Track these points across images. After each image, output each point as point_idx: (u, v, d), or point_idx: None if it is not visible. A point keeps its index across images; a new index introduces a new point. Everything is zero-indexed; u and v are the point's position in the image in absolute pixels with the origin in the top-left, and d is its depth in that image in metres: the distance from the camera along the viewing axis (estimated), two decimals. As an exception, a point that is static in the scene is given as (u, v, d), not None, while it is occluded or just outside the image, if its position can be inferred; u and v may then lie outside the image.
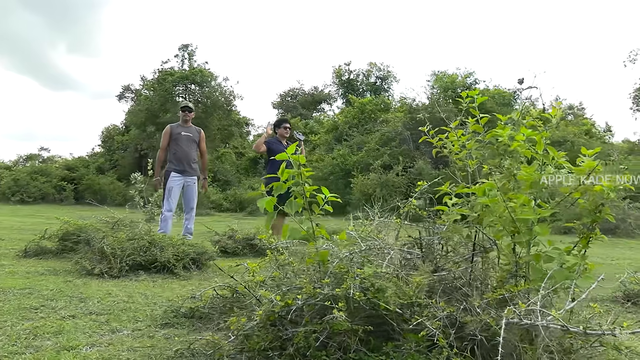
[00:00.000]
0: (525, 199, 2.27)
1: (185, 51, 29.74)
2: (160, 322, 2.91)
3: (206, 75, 28.97)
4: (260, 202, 2.37)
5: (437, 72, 24.00)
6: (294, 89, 37.47)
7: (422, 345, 2.00)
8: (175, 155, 7.54)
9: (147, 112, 28.33)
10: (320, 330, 2.02)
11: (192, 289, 4.30)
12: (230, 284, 2.95)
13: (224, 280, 4.92)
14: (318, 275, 2.26)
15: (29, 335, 2.59)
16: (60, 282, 4.40)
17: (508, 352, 2.04)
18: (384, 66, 35.91)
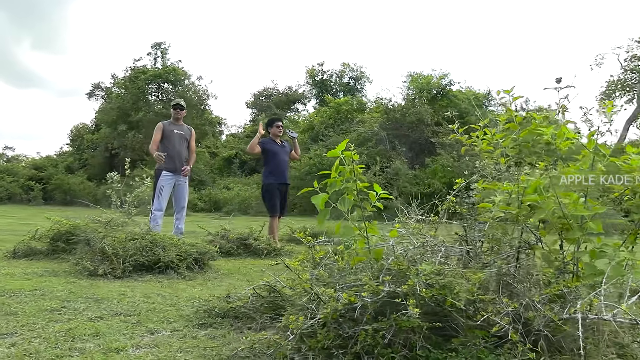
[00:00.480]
0: (576, 196, 2.30)
1: (158, 49, 29.32)
2: (195, 322, 2.84)
3: (180, 73, 28.62)
4: (314, 199, 2.33)
5: (413, 73, 24.24)
6: (268, 88, 37.38)
7: (490, 342, 2.00)
8: (168, 153, 7.41)
9: (118, 110, 27.81)
10: (386, 327, 2.00)
11: (202, 289, 4.23)
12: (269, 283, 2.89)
13: (244, 279, 4.88)
14: (372, 273, 2.23)
15: (66, 338, 2.49)
16: (64, 283, 4.27)
17: (573, 347, 2.06)
18: (357, 67, 36.13)
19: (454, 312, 2.03)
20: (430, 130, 21.39)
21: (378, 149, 21.20)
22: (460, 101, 22.87)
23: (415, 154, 21.74)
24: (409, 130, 21.83)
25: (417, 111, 21.51)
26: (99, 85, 31.92)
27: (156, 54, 29.33)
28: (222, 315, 2.87)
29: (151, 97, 29.07)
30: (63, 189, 27.44)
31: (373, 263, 2.35)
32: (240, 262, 6.34)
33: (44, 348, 2.31)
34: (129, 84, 28.04)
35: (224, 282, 4.72)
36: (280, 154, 7.85)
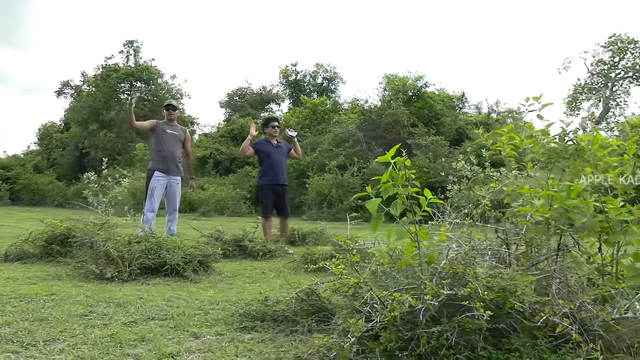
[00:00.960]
0: (616, 201, 2.39)
1: (130, 47, 28.83)
2: (235, 325, 2.83)
3: (153, 72, 28.21)
4: (369, 204, 2.37)
5: (389, 74, 24.45)
6: (242, 88, 37.14)
7: (549, 342, 2.07)
8: (160, 153, 7.34)
9: (89, 109, 27.24)
10: (450, 329, 2.06)
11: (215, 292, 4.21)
12: (310, 286, 2.89)
13: (250, 281, 4.85)
14: (426, 276, 2.28)
15: (113, 343, 2.47)
16: (73, 287, 4.21)
17: (623, 346, 2.14)
18: (331, 67, 36.23)
19: (513, 313, 2.10)
20: (407, 131, 21.59)
21: (355, 149, 21.29)
22: (435, 103, 23.17)
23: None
24: (385, 131, 21.98)
25: (393, 112, 21.68)
26: (67, 83, 31.21)
27: (128, 52, 28.87)
28: (260, 318, 2.88)
29: (123, 95, 28.55)
30: (31, 188, 26.74)
31: (420, 266, 2.40)
32: (238, 264, 6.30)
33: (97, 354, 2.28)
34: (100, 83, 27.49)
35: (233, 284, 4.70)
36: (275, 154, 7.84)
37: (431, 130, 22.08)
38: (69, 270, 5.12)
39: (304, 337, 2.56)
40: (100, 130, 27.26)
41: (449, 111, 24.32)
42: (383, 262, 2.57)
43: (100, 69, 28.35)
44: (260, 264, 6.38)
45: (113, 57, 28.77)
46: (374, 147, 21.70)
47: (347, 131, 21.92)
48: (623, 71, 32.81)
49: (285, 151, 7.93)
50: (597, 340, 2.09)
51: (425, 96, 23.07)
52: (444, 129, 22.77)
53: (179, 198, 7.61)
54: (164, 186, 7.31)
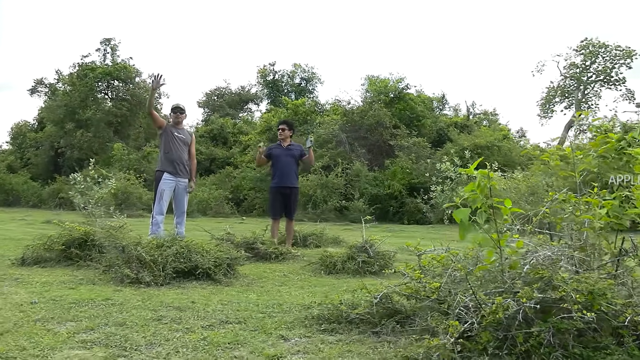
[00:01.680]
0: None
1: (107, 45, 28.41)
2: (315, 328, 2.96)
3: (131, 71, 27.87)
4: (456, 213, 2.54)
5: (371, 76, 24.72)
6: (220, 88, 36.98)
7: (634, 341, 2.27)
8: (168, 156, 7.33)
9: (65, 108, 26.76)
10: (546, 329, 2.24)
11: (258, 296, 4.31)
12: (386, 292, 3.03)
13: (280, 283, 4.94)
14: (510, 280, 2.47)
15: (213, 346, 2.57)
16: (114, 291, 4.28)
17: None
18: (309, 67, 36.36)
19: (600, 314, 2.29)
20: (389, 132, 21.89)
21: (338, 150, 21.49)
22: (416, 104, 23.53)
23: (374, 155, 22.17)
24: (367, 132, 22.24)
25: (375, 114, 21.95)
26: (41, 81, 30.61)
27: (105, 50, 28.44)
28: (335, 321, 3.01)
29: (100, 94, 28.16)
30: (5, 189, 26.14)
31: (501, 272, 2.58)
32: (255, 266, 6.34)
33: (208, 357, 2.39)
34: (76, 81, 27.03)
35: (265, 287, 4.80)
36: (283, 156, 7.93)
37: (413, 131, 22.41)
38: (97, 274, 5.15)
39: (391, 337, 2.71)
40: (77, 129, 26.82)
41: (430, 113, 24.71)
42: (460, 268, 2.73)
43: (76, 67, 27.86)
44: (276, 266, 6.46)
45: (90, 55, 28.36)
46: (356, 148, 21.93)
47: (331, 132, 22.09)
48: (594, 74, 33.88)
49: (296, 154, 7.98)
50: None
51: (406, 98, 23.40)
52: (425, 131, 23.14)
53: (187, 201, 7.63)
54: (173, 189, 7.32)
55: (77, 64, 27.99)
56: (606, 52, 33.05)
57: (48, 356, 2.41)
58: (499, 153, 19.78)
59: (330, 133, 22.05)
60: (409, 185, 19.32)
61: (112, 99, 28.27)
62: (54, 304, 3.66)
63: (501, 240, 2.58)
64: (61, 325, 3.01)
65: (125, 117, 27.48)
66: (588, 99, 34.22)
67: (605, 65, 33.28)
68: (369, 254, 6.08)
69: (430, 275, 2.94)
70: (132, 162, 25.39)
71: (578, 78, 33.81)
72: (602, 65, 33.34)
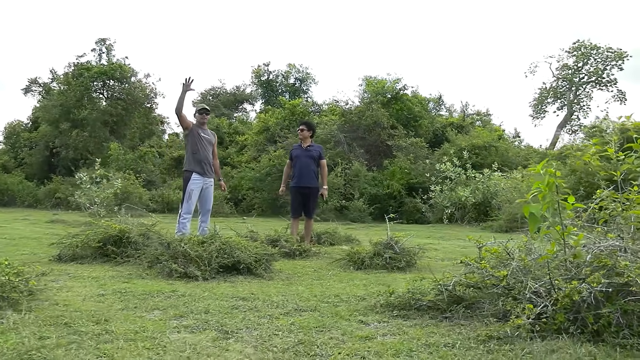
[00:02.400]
0: None
1: (102, 45, 28.44)
2: (388, 314, 3.24)
3: (126, 71, 27.93)
4: (528, 208, 2.82)
5: (368, 77, 25.06)
6: (215, 87, 37.16)
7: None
8: (196, 156, 7.53)
9: (61, 108, 26.77)
10: (614, 311, 2.54)
11: (305, 288, 4.55)
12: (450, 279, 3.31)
13: (316, 277, 5.19)
14: (575, 269, 2.77)
15: (306, 330, 2.84)
16: (167, 284, 4.51)
17: None
18: (303, 68, 36.67)
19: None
20: (387, 133, 22.23)
21: (337, 150, 21.77)
22: (413, 105, 23.90)
23: (372, 156, 22.52)
24: (365, 132, 22.57)
25: (373, 114, 22.27)
26: (35, 81, 30.57)
27: (101, 50, 28.47)
28: (404, 308, 3.29)
29: (95, 94, 28.19)
30: (0, 189, 26.10)
31: (564, 261, 2.87)
32: (283, 263, 6.51)
33: (308, 338, 2.65)
34: (72, 81, 27.05)
35: (306, 281, 5.05)
36: (302, 157, 8.14)
37: (410, 132, 22.79)
38: (141, 269, 5.35)
39: (463, 322, 3.00)
40: (72, 129, 26.84)
41: (426, 113, 25.10)
42: (524, 258, 3.02)
43: (72, 67, 27.87)
44: (303, 262, 6.70)
45: (85, 55, 28.37)
46: (355, 149, 22.24)
47: (329, 133, 22.35)
48: (586, 76, 34.58)
49: (315, 155, 8.19)
50: None
51: (403, 98, 23.76)
52: (422, 131, 23.53)
53: (212, 199, 7.84)
54: (200, 188, 7.53)
55: (72, 63, 28.03)
56: (598, 53, 33.75)
57: (162, 339, 2.66)
58: (497, 153, 20.18)
59: (328, 133, 22.31)
60: (407, 185, 19.64)
61: (107, 99, 28.30)
62: (123, 295, 3.89)
63: (565, 232, 2.87)
64: (150, 313, 3.26)
65: (121, 116, 27.54)
66: (580, 100, 34.93)
67: (597, 66, 33.99)
68: (395, 250, 6.35)
69: (490, 266, 3.22)
70: (129, 162, 25.47)
71: (570, 79, 34.48)
72: (594, 67, 34.05)
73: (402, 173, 20.25)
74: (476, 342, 2.60)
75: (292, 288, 4.48)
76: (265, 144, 24.93)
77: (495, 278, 3.04)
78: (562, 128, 33.79)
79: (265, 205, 21.37)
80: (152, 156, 27.34)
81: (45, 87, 30.29)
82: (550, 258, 2.93)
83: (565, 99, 34.97)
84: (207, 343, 2.59)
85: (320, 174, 8.21)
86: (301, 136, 8.38)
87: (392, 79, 24.10)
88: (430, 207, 18.10)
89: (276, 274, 5.46)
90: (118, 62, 28.34)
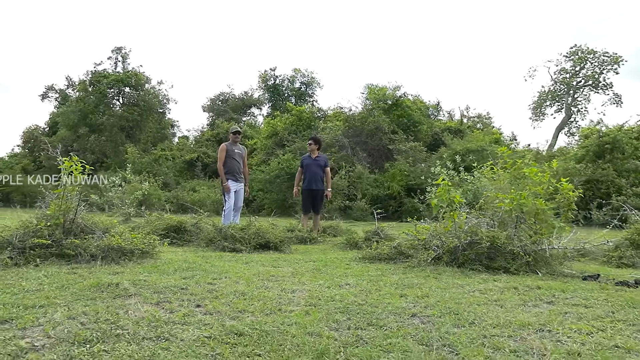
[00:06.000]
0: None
1: (118, 54, 31.39)
2: (362, 262, 6.03)
3: (140, 78, 30.84)
4: (433, 202, 5.59)
5: (370, 84, 27.85)
6: (224, 93, 40.04)
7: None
8: (230, 167, 10.31)
9: (79, 113, 29.70)
10: (472, 253, 5.30)
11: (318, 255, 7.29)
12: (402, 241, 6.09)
13: (323, 253, 7.90)
14: (457, 233, 5.53)
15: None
16: (224, 254, 7.23)
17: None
18: (308, 72, 39.51)
19: (497, 247, 5.35)
20: (387, 137, 24.94)
21: (341, 154, 24.50)
22: (413, 111, 26.64)
23: (374, 159, 25.22)
24: (367, 137, 25.30)
25: (375, 120, 25.01)
26: (52, 87, 33.54)
27: (117, 58, 31.42)
28: (371, 258, 6.07)
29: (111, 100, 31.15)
30: (22, 191, 28.92)
31: (453, 230, 5.66)
32: (296, 247, 9.16)
33: (324, 268, 5.43)
34: (89, 88, 30.01)
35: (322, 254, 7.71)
36: (311, 166, 10.86)
37: (410, 136, 25.47)
38: (199, 248, 8.06)
39: (400, 263, 5.77)
40: (90, 134, 29.76)
41: (425, 119, 27.84)
42: (435, 229, 5.81)
43: (89, 74, 30.82)
44: (312, 246, 9.34)
45: (102, 63, 31.33)
46: (358, 152, 24.99)
47: (334, 137, 25.10)
48: (583, 80, 37.24)
49: (321, 164, 10.89)
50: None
51: (403, 105, 26.49)
52: (421, 136, 26.23)
53: (242, 199, 10.62)
54: (235, 189, 10.31)
55: (90, 71, 31.00)
56: (594, 58, 36.38)
57: (244, 271, 5.43)
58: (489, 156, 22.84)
59: (333, 138, 25.07)
60: (406, 186, 22.25)
61: (122, 105, 31.25)
62: (201, 257, 6.62)
63: (454, 214, 5.62)
64: (227, 262, 6.02)
65: (137, 121, 30.45)
66: (577, 103, 37.60)
67: (593, 70, 36.64)
68: (380, 236, 9.10)
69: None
70: (145, 165, 28.27)
71: (568, 83, 37.14)
72: (591, 71, 36.71)
73: (402, 175, 22.91)
74: (404, 269, 5.36)
75: (307, 256, 7.22)
76: (274, 147, 27.72)
77: (419, 241, 5.79)
78: (561, 130, 36.48)
79: (275, 205, 24.02)
80: (166, 159, 30.18)
81: (62, 93, 33.26)
82: (448, 229, 5.64)
83: (563, 102, 37.64)
84: (268, 268, 5.36)
85: (325, 179, 10.93)
86: (310, 149, 11.11)
87: (392, 87, 26.89)
88: (427, 206, 20.72)
89: (295, 251, 8.19)
90: (133, 70, 31.28)
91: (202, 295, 3.90)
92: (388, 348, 2.74)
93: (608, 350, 2.69)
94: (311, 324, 3.11)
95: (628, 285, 4.67)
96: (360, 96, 31.30)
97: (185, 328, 2.93)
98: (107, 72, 30.64)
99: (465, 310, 3.51)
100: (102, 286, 4.04)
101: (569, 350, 2.70)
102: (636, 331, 3.06)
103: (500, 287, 4.40)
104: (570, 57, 37.18)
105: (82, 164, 6.39)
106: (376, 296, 4.04)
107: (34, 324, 2.92)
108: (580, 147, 21.78)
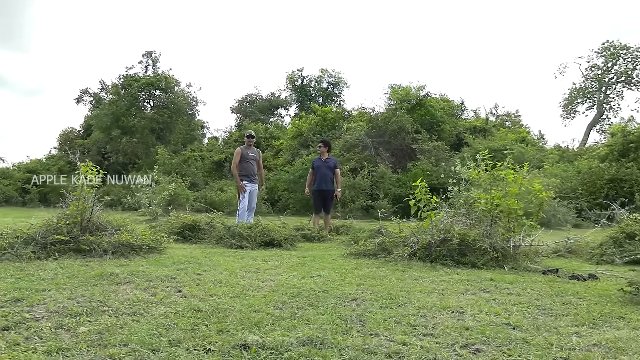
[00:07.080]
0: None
1: (149, 58, 32.59)
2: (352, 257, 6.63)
3: (170, 81, 31.95)
4: (412, 203, 6.15)
5: (393, 85, 28.30)
6: (251, 94, 41.06)
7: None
8: (245, 169, 11.01)
9: (112, 116, 30.98)
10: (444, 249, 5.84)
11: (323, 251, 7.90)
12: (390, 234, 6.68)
13: (325, 250, 8.52)
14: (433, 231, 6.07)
15: (310, 260, 6.21)
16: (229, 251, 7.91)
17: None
18: (335, 72, 40.15)
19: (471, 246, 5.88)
20: (411, 137, 25.34)
21: (364, 154, 25.03)
22: (436, 111, 26.98)
23: (397, 159, 25.65)
24: (391, 137, 25.76)
25: (398, 120, 25.44)
26: (87, 91, 34.99)
27: (147, 62, 32.63)
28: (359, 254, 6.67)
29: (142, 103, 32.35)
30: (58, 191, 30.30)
31: (430, 227, 6.21)
32: (303, 244, 9.85)
33: (314, 261, 6.05)
34: (121, 91, 31.27)
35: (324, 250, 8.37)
36: (322, 168, 11.46)
37: (433, 136, 25.82)
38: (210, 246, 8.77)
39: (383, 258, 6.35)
40: (122, 136, 31.00)
41: (449, 118, 28.12)
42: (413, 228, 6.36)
43: (121, 78, 32.10)
44: (318, 244, 9.96)
45: (133, 67, 32.58)
46: (381, 152, 25.46)
47: (357, 137, 25.64)
48: (615, 76, 36.87)
49: (331, 166, 11.48)
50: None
51: (427, 105, 26.86)
52: (444, 135, 26.55)
53: (256, 199, 11.31)
54: (249, 190, 11.01)
55: (122, 75, 32.28)
56: (627, 53, 35.97)
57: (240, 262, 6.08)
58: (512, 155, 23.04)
59: (356, 138, 25.60)
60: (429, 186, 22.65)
61: (153, 107, 32.43)
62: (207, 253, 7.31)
63: (432, 214, 6.17)
64: (228, 258, 6.69)
65: (167, 124, 31.57)
66: (610, 100, 37.22)
67: (626, 66, 36.23)
68: (382, 234, 9.67)
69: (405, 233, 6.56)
70: (174, 166, 29.32)
71: (599, 79, 36.81)
72: (623, 67, 36.29)
73: (424, 175, 23.34)
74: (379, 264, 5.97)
75: (304, 253, 7.84)
76: (299, 148, 28.43)
77: (400, 238, 6.36)
78: (592, 128, 36.21)
79: (299, 205, 24.70)
80: (195, 160, 31.21)
81: (95, 97, 34.67)
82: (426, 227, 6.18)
83: (595, 99, 37.31)
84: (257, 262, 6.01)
85: (335, 180, 11.52)
86: (320, 151, 11.72)
87: (416, 87, 27.27)
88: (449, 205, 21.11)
89: (297, 248, 8.82)
90: (163, 73, 32.43)
91: (186, 283, 4.57)
92: (311, 321, 3.31)
93: (495, 326, 3.24)
94: (260, 304, 3.73)
95: (578, 279, 5.16)
96: (384, 96, 31.79)
97: (158, 307, 3.58)
98: (138, 75, 31.84)
99: (402, 297, 4.08)
100: (104, 275, 4.76)
101: (463, 326, 3.26)
102: (538, 313, 3.59)
103: (455, 279, 4.95)
104: (602, 53, 36.83)
105: (96, 168, 7.07)
106: (335, 285, 4.64)
107: (39, 303, 3.63)
108: (604, 145, 21.84)
